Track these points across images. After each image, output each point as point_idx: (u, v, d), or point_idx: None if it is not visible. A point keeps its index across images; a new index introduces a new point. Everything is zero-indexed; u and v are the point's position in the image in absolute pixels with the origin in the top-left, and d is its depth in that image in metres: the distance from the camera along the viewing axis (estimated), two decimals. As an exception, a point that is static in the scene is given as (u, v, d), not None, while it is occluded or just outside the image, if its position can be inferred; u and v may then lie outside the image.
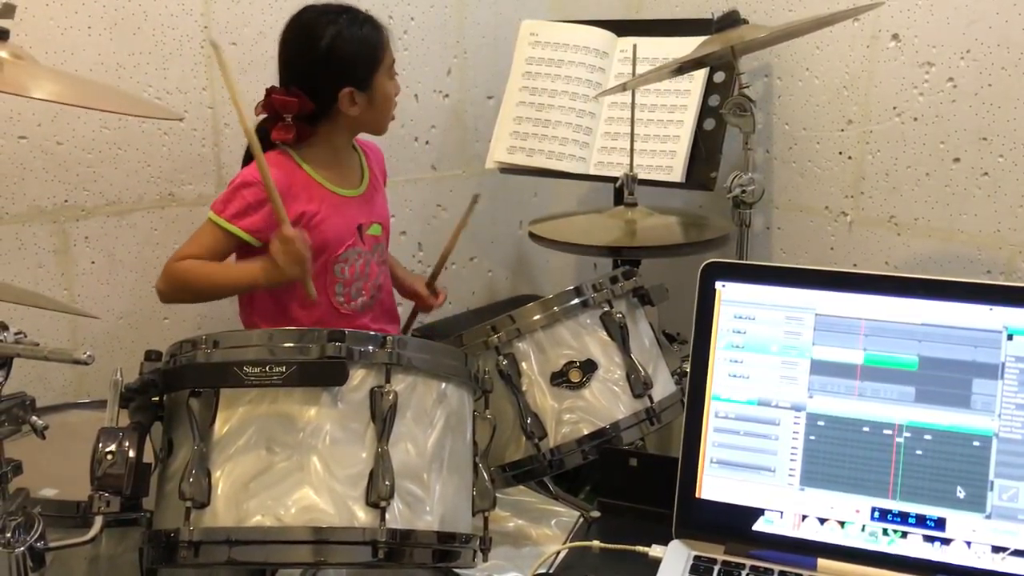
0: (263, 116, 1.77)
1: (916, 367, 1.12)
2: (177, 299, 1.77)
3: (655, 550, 1.16)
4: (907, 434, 1.11)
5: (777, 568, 1.11)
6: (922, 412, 1.11)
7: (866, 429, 1.12)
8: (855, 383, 1.13)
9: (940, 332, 1.11)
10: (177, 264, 1.71)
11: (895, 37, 1.91)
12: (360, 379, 1.05)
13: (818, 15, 1.68)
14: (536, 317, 1.36)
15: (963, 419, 1.09)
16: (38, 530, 1.02)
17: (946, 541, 1.09)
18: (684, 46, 1.93)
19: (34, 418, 1.03)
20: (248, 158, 1.81)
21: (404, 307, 2.14)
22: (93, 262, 1.98)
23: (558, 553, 1.22)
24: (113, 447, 1.01)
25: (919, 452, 1.10)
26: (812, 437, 1.14)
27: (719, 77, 2.08)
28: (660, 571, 1.12)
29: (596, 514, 1.34)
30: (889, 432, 1.11)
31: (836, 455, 1.13)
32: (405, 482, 1.04)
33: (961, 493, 1.09)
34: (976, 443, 1.09)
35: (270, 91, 1.73)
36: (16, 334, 1.02)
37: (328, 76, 1.72)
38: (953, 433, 1.09)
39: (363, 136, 1.93)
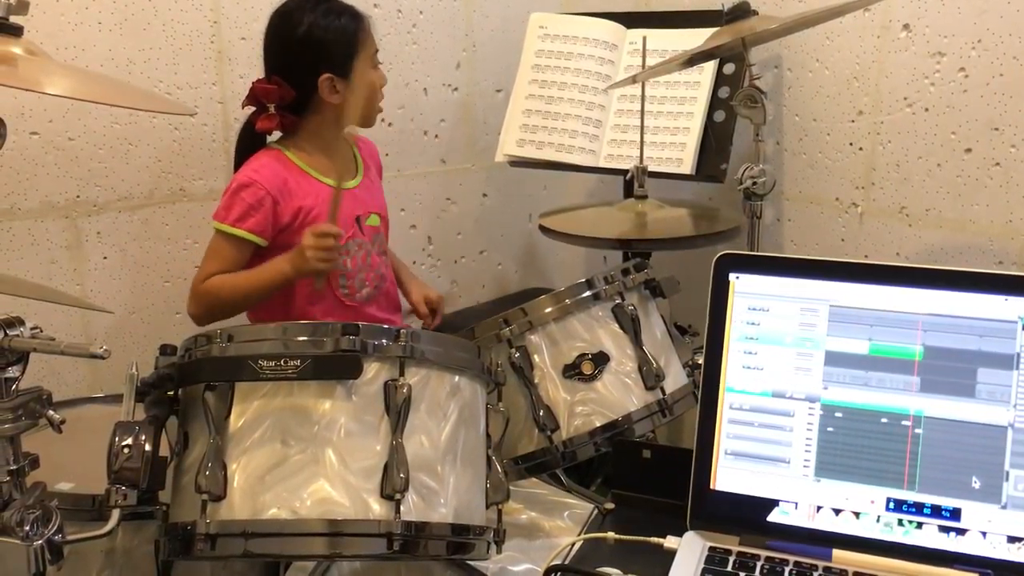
0: (250, 109, 1.79)
1: (926, 357, 1.11)
2: (212, 317, 1.76)
3: (670, 541, 1.16)
4: (922, 425, 1.11)
5: (792, 559, 1.11)
6: (937, 403, 1.11)
7: (881, 420, 1.12)
8: (870, 374, 1.13)
9: (954, 322, 1.11)
10: (203, 285, 1.72)
11: (906, 27, 1.90)
12: (374, 372, 1.05)
13: (828, 6, 1.67)
14: (548, 310, 1.36)
15: (978, 409, 1.09)
16: (55, 523, 1.02)
17: (961, 531, 1.09)
18: (694, 38, 1.93)
19: (51, 412, 1.03)
20: (239, 159, 1.82)
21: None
22: (105, 257, 1.99)
23: (572, 544, 1.22)
24: (129, 441, 1.01)
25: (934, 443, 1.10)
26: (827, 428, 1.14)
27: (729, 69, 2.07)
28: (675, 563, 1.12)
29: (610, 506, 1.34)
30: (904, 423, 1.11)
31: (851, 446, 1.13)
32: (419, 474, 1.04)
33: (976, 483, 1.08)
34: (991, 433, 1.08)
35: (254, 83, 1.75)
36: (32, 329, 1.03)
37: (305, 61, 1.73)
38: (968, 423, 1.09)
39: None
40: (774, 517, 1.15)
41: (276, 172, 1.75)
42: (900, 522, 1.11)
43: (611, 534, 1.21)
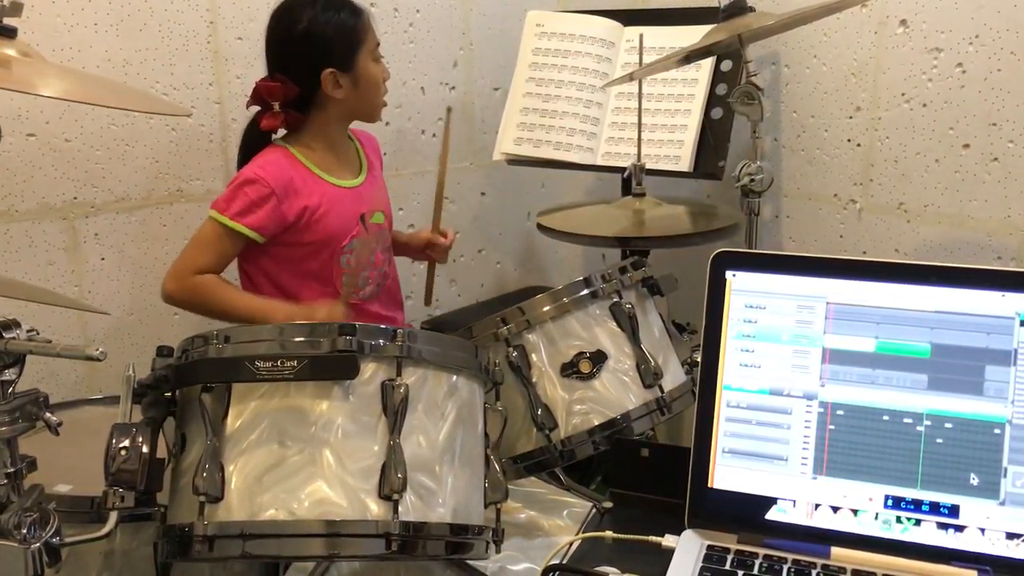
0: (255, 108, 1.79)
1: (929, 354, 1.11)
2: (185, 308, 1.77)
3: (668, 540, 1.16)
4: (920, 422, 1.11)
5: (790, 557, 1.11)
6: (935, 400, 1.10)
7: (879, 417, 1.12)
8: (867, 371, 1.13)
9: (952, 319, 1.11)
10: (195, 279, 1.71)
11: (903, 23, 1.90)
12: (371, 372, 1.05)
13: (825, 2, 1.67)
14: (546, 308, 1.36)
15: (976, 406, 1.09)
16: (53, 526, 1.02)
17: (960, 528, 1.08)
18: (691, 35, 1.92)
19: (48, 415, 1.03)
20: (244, 158, 1.82)
21: (413, 300, 2.14)
22: (103, 258, 1.99)
23: (571, 544, 1.22)
24: (126, 443, 1.01)
25: (932, 440, 1.10)
26: (824, 426, 1.14)
27: (726, 66, 2.07)
28: (673, 561, 1.12)
29: (608, 504, 1.34)
30: (901, 420, 1.11)
31: (849, 443, 1.13)
32: (417, 474, 1.04)
33: (975, 480, 1.08)
34: (990, 430, 1.08)
35: (258, 81, 1.75)
36: (28, 331, 1.02)
37: (307, 57, 1.73)
38: (966, 420, 1.09)
39: (357, 126, 1.93)
40: (772, 515, 1.15)
41: (282, 170, 1.75)
42: (899, 519, 1.11)
43: (609, 533, 1.21)
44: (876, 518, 1.11)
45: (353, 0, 1.79)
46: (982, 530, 1.08)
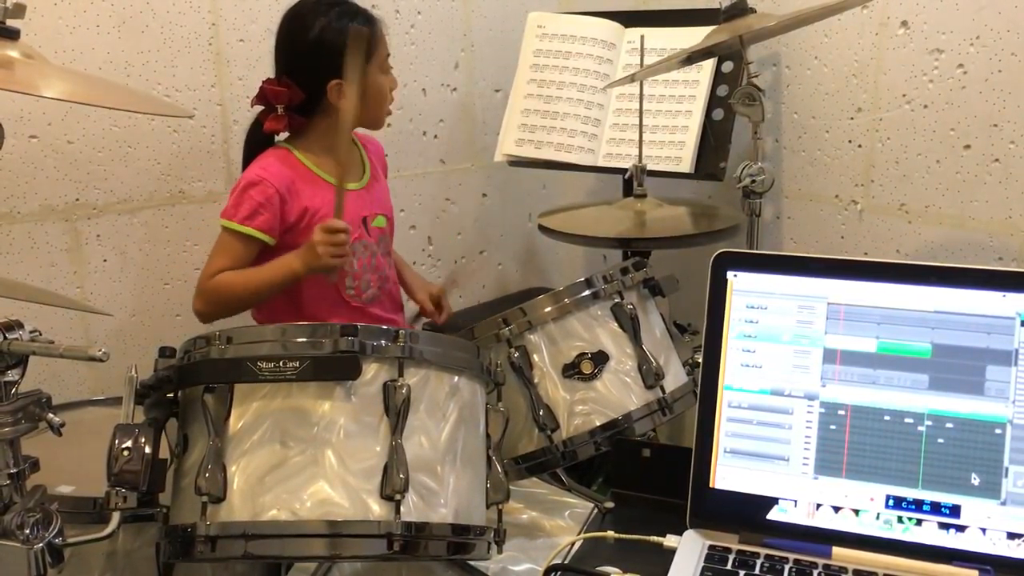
0: (257, 110, 1.79)
1: (930, 354, 1.11)
2: (218, 315, 1.75)
3: (670, 540, 1.16)
4: (921, 421, 1.11)
5: (792, 556, 1.11)
6: (936, 400, 1.11)
7: (880, 417, 1.12)
8: (868, 371, 1.13)
9: (953, 319, 1.11)
10: (210, 281, 1.71)
11: (904, 24, 1.90)
12: (373, 373, 1.05)
13: (826, 3, 1.67)
14: (547, 309, 1.36)
15: (977, 406, 1.09)
16: (56, 526, 1.02)
17: (961, 528, 1.09)
18: (692, 36, 1.92)
19: (51, 415, 1.03)
20: (248, 157, 1.82)
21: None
22: (105, 260, 1.99)
23: (573, 544, 1.23)
24: (129, 443, 1.01)
25: (933, 440, 1.10)
26: (825, 426, 1.14)
27: (727, 67, 2.07)
28: (675, 561, 1.12)
29: (610, 505, 1.35)
30: (902, 420, 1.11)
31: (850, 443, 1.13)
32: (419, 475, 1.05)
33: (976, 480, 1.08)
34: (991, 430, 1.08)
35: (263, 82, 1.75)
36: (31, 332, 1.03)
37: (316, 66, 1.72)
38: (967, 420, 1.09)
39: (362, 131, 1.94)
40: (773, 515, 1.15)
41: (283, 171, 1.75)
42: (900, 519, 1.11)
43: (611, 533, 1.21)
44: (877, 518, 1.12)
45: (366, 9, 1.78)
46: (983, 530, 1.08)
